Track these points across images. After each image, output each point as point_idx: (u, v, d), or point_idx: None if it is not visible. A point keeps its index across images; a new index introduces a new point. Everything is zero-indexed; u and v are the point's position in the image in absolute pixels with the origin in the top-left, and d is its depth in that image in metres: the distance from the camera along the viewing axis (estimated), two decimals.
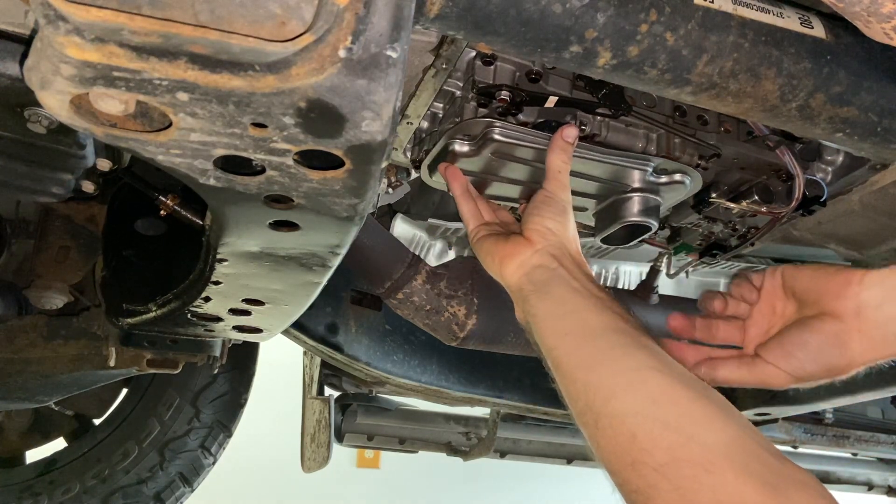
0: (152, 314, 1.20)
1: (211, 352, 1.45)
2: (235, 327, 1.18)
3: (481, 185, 1.07)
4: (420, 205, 1.51)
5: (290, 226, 0.71)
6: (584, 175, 1.02)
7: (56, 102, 0.51)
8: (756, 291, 0.89)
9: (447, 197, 1.44)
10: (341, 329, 1.54)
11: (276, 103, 0.51)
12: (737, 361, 0.86)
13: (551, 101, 0.97)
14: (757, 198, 1.11)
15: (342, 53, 0.49)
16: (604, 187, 1.05)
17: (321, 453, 1.91)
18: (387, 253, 1.30)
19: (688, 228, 1.30)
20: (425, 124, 1.05)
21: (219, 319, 1.14)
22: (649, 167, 1.01)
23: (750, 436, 0.64)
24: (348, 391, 2.10)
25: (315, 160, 0.58)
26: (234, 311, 1.08)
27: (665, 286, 1.61)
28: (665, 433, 0.64)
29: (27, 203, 1.50)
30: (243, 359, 2.09)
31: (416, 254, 1.33)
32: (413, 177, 1.18)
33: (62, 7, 0.44)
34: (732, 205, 1.12)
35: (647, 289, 1.48)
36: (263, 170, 0.60)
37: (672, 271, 1.48)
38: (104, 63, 0.47)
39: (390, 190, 1.20)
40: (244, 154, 0.57)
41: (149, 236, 1.37)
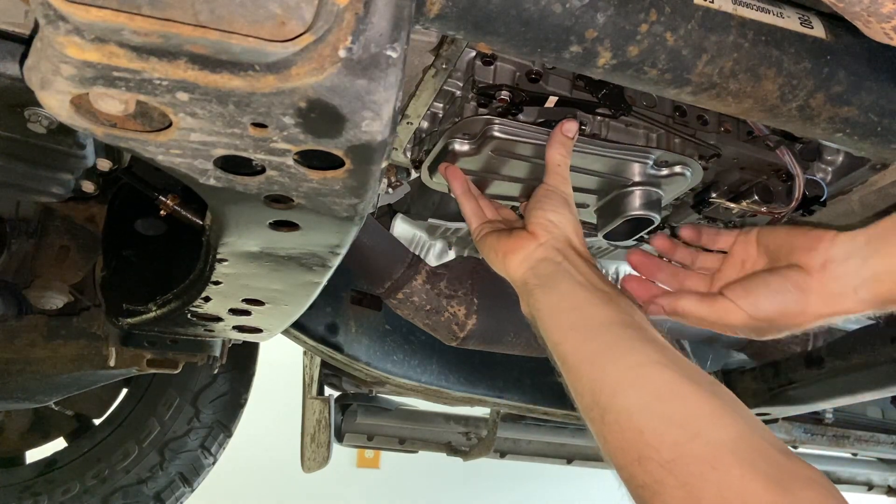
0: (152, 314, 1.20)
1: (211, 352, 1.45)
2: (235, 327, 1.18)
3: (482, 184, 1.07)
4: (420, 205, 1.51)
5: (290, 226, 0.71)
6: (584, 170, 1.01)
7: (56, 102, 0.51)
8: (719, 240, 0.96)
9: (447, 197, 1.43)
10: (341, 329, 1.54)
11: (276, 103, 0.51)
12: (699, 296, 0.89)
13: (551, 101, 0.97)
14: (757, 198, 1.11)
15: (342, 53, 0.49)
16: (604, 182, 1.05)
17: (321, 453, 1.92)
18: (387, 253, 1.30)
19: None
20: (425, 124, 1.05)
21: (219, 319, 1.14)
22: (650, 160, 1.01)
23: (757, 432, 0.64)
24: (348, 391, 2.10)
25: (315, 160, 0.58)
26: (234, 311, 1.08)
27: None
28: (672, 429, 0.64)
29: (27, 203, 1.50)
30: (243, 359, 2.09)
31: (416, 254, 1.33)
32: (413, 177, 1.18)
33: (62, 7, 0.44)
34: (732, 205, 1.12)
35: None
36: (263, 170, 0.60)
37: None
38: (104, 63, 0.47)
39: (390, 190, 1.20)
40: (244, 154, 0.57)
41: (149, 236, 1.37)
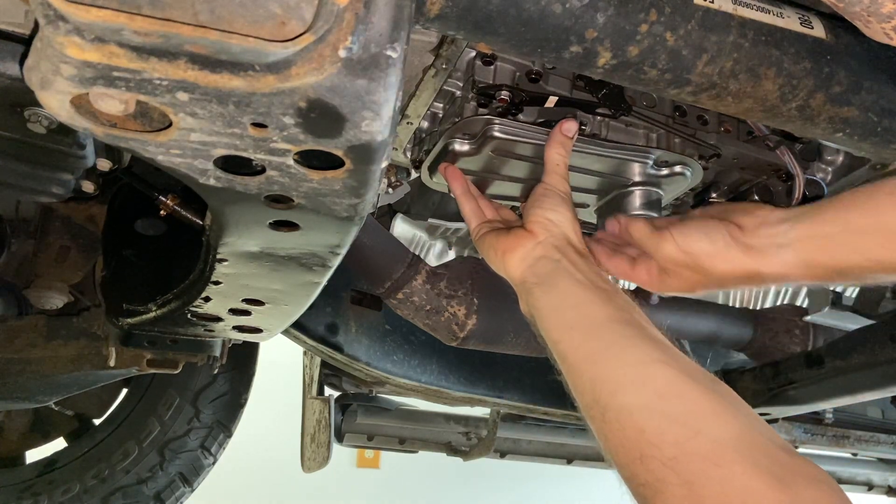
0: (152, 314, 1.20)
1: (211, 352, 1.45)
2: (235, 327, 1.18)
3: (482, 184, 1.07)
4: (420, 205, 1.51)
5: (290, 226, 0.71)
6: (584, 170, 1.01)
7: (56, 102, 0.51)
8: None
9: (447, 197, 1.44)
10: (341, 329, 1.54)
11: (276, 103, 0.51)
12: (651, 224, 0.93)
13: (551, 101, 0.97)
14: (757, 198, 1.11)
15: (342, 53, 0.49)
16: (604, 182, 1.05)
17: (321, 453, 1.91)
18: (387, 253, 1.30)
19: None
20: (425, 124, 1.05)
21: (219, 319, 1.14)
22: (650, 160, 1.01)
23: (759, 430, 0.64)
24: (348, 391, 2.10)
25: (315, 160, 0.58)
26: (234, 311, 1.08)
27: None
28: (673, 427, 0.64)
29: (27, 203, 1.50)
30: (243, 359, 2.09)
31: (416, 254, 1.33)
32: (413, 177, 1.18)
33: (62, 7, 0.44)
34: None
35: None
36: (263, 170, 0.60)
37: None
38: (104, 63, 0.47)
39: (390, 190, 1.20)
40: (244, 154, 0.57)
41: (149, 236, 1.37)
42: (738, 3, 0.75)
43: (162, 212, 1.16)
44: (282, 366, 2.81)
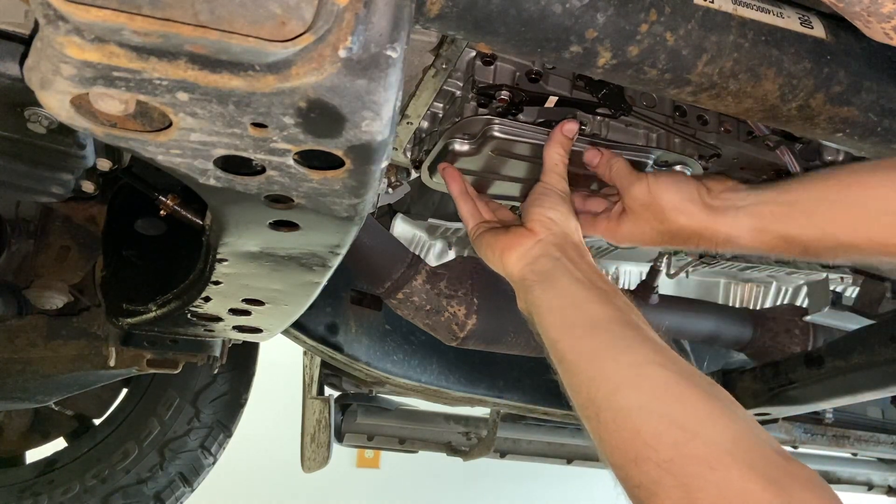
0: (152, 314, 1.20)
1: (211, 352, 1.45)
2: (235, 327, 1.18)
3: (482, 184, 1.07)
4: (420, 205, 1.51)
5: (290, 226, 0.71)
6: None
7: (56, 102, 0.51)
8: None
9: (447, 197, 1.43)
10: (341, 329, 1.54)
11: (276, 103, 0.51)
12: (630, 164, 0.95)
13: (551, 101, 0.97)
14: None
15: (342, 53, 0.49)
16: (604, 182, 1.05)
17: (321, 453, 1.92)
18: (387, 253, 1.30)
19: None
20: (425, 124, 1.05)
21: (219, 319, 1.14)
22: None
23: (755, 433, 0.64)
24: (348, 391, 2.10)
25: (315, 160, 0.58)
26: (234, 311, 1.08)
27: (665, 286, 1.61)
28: (670, 429, 0.64)
29: (27, 203, 1.50)
30: (243, 359, 2.08)
31: (416, 254, 1.33)
32: (413, 177, 1.18)
33: (62, 7, 0.44)
34: None
35: (647, 289, 1.48)
36: (263, 170, 0.60)
37: (672, 271, 1.48)
38: (104, 63, 0.47)
39: (390, 190, 1.20)
40: (244, 154, 0.57)
41: (149, 236, 1.37)
42: (738, 3, 0.75)
43: (162, 212, 1.16)
44: (282, 366, 2.81)
